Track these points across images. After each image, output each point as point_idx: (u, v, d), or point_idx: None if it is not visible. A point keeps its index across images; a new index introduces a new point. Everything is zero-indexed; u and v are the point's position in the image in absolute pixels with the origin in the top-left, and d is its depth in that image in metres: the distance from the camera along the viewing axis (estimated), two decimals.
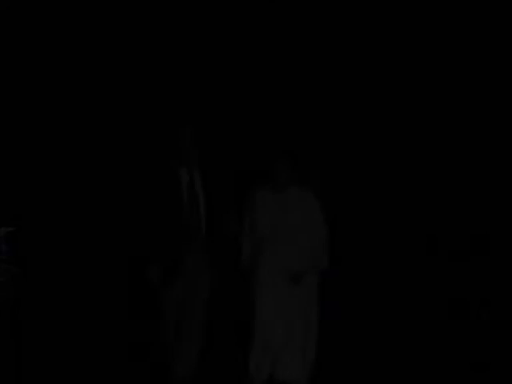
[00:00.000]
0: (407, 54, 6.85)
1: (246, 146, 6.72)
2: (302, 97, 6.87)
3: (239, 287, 5.89)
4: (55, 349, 6.33)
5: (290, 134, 6.69)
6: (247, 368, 5.69)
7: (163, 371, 5.67)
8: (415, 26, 6.76)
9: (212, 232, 5.68)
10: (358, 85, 6.89)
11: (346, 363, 6.10)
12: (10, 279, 4.76)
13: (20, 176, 6.43)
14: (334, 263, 5.93)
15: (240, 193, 5.96)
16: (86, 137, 6.69)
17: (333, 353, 6.06)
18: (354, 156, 6.87)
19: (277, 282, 5.70)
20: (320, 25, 6.87)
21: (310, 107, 6.89)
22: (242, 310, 5.85)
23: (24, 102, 6.54)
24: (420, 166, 6.88)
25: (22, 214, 5.99)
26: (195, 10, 6.82)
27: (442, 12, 6.76)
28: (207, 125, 6.37)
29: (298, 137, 6.72)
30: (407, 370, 6.19)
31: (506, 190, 6.70)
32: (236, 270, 5.88)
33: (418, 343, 6.49)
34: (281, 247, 5.70)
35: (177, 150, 5.69)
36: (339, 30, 6.85)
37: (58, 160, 6.67)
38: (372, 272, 6.46)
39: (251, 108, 6.82)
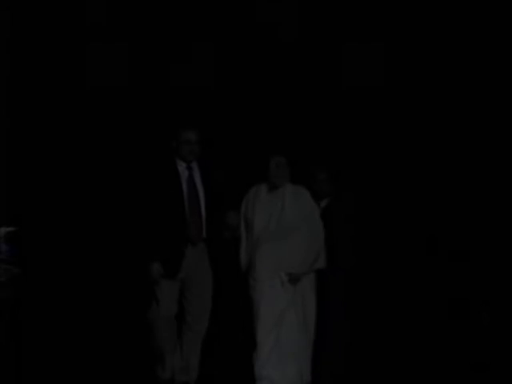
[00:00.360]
0: (408, 55, 6.86)
1: (246, 144, 6.71)
2: (301, 95, 6.87)
3: (240, 286, 5.89)
4: (55, 349, 6.32)
5: (287, 131, 6.68)
6: (252, 369, 5.69)
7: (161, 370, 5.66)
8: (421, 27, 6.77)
9: (212, 228, 5.67)
10: (358, 83, 6.88)
11: (346, 362, 6.10)
12: (11, 279, 4.75)
13: (20, 176, 6.43)
14: (335, 263, 5.95)
15: (240, 191, 5.96)
16: (86, 135, 6.68)
17: (334, 352, 6.06)
18: (352, 156, 6.86)
19: (274, 281, 5.69)
20: (322, 22, 6.87)
21: (309, 105, 6.88)
22: (243, 310, 5.85)
23: (22, 102, 6.54)
24: (420, 166, 6.87)
25: (22, 214, 5.99)
26: (193, 12, 6.83)
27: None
28: (208, 121, 6.38)
29: (296, 135, 6.71)
30: (407, 370, 6.20)
31: (506, 191, 6.70)
32: (236, 268, 5.87)
33: (418, 343, 6.49)
34: (277, 246, 5.68)
35: (176, 146, 5.68)
36: (341, 28, 6.85)
37: (58, 158, 6.67)
38: (372, 272, 6.44)
39: (252, 105, 6.81)
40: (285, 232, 5.70)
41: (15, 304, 5.09)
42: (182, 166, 5.68)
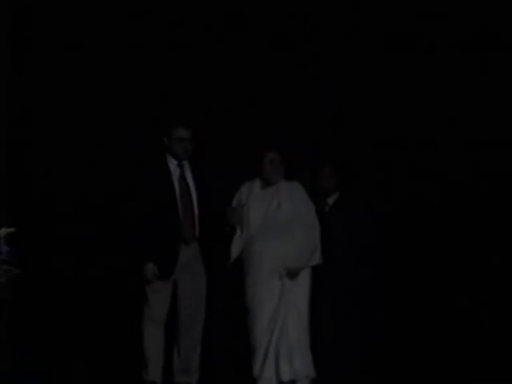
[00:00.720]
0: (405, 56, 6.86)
1: (240, 140, 6.69)
2: (296, 91, 6.86)
3: (234, 284, 5.89)
4: (54, 349, 6.32)
5: (282, 127, 6.66)
6: (251, 369, 5.68)
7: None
8: None
9: (205, 228, 5.62)
10: (357, 81, 6.88)
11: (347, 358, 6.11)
12: (11, 280, 4.73)
13: (20, 176, 6.42)
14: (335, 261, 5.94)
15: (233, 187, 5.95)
16: (83, 133, 6.67)
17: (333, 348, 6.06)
18: (357, 150, 6.85)
19: (272, 279, 5.67)
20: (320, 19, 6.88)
21: (305, 101, 6.87)
22: (238, 309, 5.84)
23: (22, 102, 6.52)
24: (419, 164, 6.86)
25: (22, 215, 5.99)
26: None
27: None
28: (200, 118, 6.36)
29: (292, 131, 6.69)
30: (405, 367, 6.21)
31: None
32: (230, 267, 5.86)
33: (417, 342, 6.50)
34: (274, 244, 5.67)
35: (168, 144, 5.64)
36: (340, 25, 6.84)
37: (57, 158, 6.65)
38: (371, 271, 6.43)
39: (246, 101, 6.79)
40: (281, 229, 5.70)
41: (15, 305, 5.07)
42: (173, 164, 5.64)
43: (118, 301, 6.42)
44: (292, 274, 5.68)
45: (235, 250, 5.79)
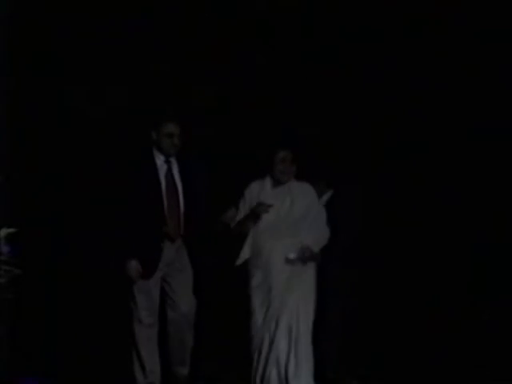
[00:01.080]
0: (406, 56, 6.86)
1: (241, 138, 6.68)
2: (301, 88, 6.85)
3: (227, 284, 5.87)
4: (55, 349, 6.33)
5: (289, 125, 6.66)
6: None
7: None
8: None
9: (191, 225, 5.59)
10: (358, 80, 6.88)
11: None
12: (11, 280, 4.74)
13: (21, 177, 6.43)
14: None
15: (232, 185, 5.94)
16: (83, 135, 6.68)
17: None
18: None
19: (281, 277, 5.65)
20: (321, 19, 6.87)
21: (311, 99, 6.86)
22: (233, 310, 5.83)
23: (22, 104, 6.53)
24: (420, 165, 6.87)
25: (22, 215, 5.99)
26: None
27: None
28: (196, 115, 6.36)
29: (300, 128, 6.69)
30: (407, 370, 6.22)
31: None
32: (218, 265, 5.84)
33: (418, 343, 6.50)
34: (283, 241, 5.65)
35: (157, 139, 5.61)
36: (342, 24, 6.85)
37: (55, 160, 6.66)
38: (372, 270, 6.44)
39: (245, 97, 6.80)
40: (292, 229, 5.66)
41: (15, 305, 5.08)
42: (160, 160, 5.60)
43: (119, 301, 6.39)
44: (309, 256, 5.61)
45: (247, 250, 5.74)
